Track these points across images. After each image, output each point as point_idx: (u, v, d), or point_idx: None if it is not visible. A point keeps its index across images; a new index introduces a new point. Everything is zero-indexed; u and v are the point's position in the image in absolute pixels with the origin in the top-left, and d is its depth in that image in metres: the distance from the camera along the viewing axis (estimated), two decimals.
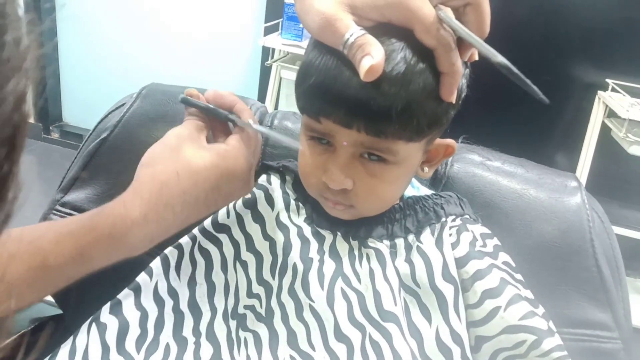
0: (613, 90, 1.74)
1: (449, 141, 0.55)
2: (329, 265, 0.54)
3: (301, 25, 1.88)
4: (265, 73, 2.15)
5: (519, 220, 0.63)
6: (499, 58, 0.41)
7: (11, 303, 0.48)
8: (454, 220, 0.56)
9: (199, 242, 0.58)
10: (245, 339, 0.53)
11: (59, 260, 0.47)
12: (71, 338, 0.54)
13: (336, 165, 0.50)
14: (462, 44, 0.45)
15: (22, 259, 0.47)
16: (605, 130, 1.76)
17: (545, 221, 0.62)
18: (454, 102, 0.47)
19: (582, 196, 0.64)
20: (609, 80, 1.76)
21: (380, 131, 0.46)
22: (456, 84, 0.46)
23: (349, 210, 0.54)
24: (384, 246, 0.55)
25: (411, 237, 0.55)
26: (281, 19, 1.91)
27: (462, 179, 0.65)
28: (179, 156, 0.51)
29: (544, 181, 0.65)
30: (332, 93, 0.45)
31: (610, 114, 1.75)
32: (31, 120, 2.66)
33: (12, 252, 0.47)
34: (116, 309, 0.55)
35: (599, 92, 1.80)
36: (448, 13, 0.44)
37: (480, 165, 0.66)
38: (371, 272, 0.54)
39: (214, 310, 0.56)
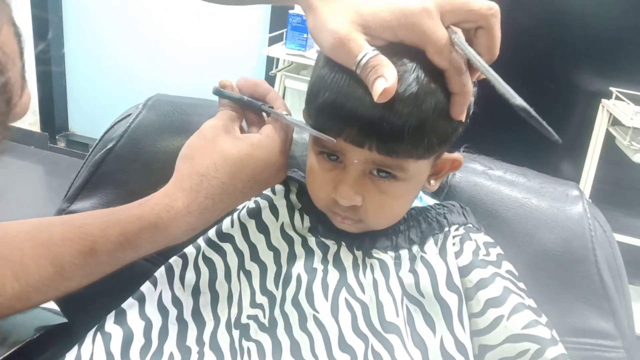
0: (617, 98, 1.74)
1: (456, 155, 0.56)
2: (333, 276, 0.55)
3: (305, 35, 1.90)
4: (269, 82, 2.16)
5: (520, 229, 0.63)
6: (517, 101, 0.40)
7: (64, 284, 0.51)
8: (457, 229, 0.57)
9: (203, 251, 0.58)
10: (248, 348, 0.54)
11: (107, 246, 0.51)
12: (76, 347, 0.54)
13: (346, 182, 0.50)
14: (472, 65, 0.45)
15: (73, 242, 0.50)
16: (609, 139, 1.76)
17: (547, 230, 0.62)
18: (464, 120, 0.48)
19: (583, 205, 0.64)
20: (612, 89, 1.76)
21: (391, 150, 0.47)
22: (466, 103, 0.46)
23: (357, 224, 0.54)
24: (388, 257, 0.55)
25: (415, 248, 0.56)
26: (285, 29, 1.92)
27: (464, 188, 0.66)
28: (215, 148, 0.53)
29: (545, 190, 0.65)
30: (344, 112, 0.45)
31: (615, 122, 1.75)
32: (37, 129, 2.69)
33: (63, 235, 0.50)
34: (120, 319, 0.55)
35: (603, 100, 1.80)
36: (459, 34, 0.45)
37: (482, 175, 0.67)
38: (375, 283, 0.54)
39: (217, 319, 0.56)
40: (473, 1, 0.44)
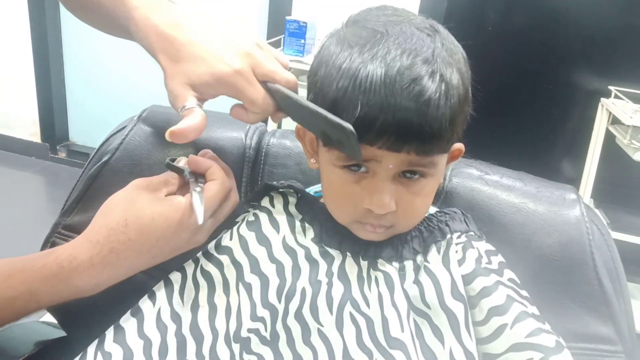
0: (616, 97, 1.74)
1: (459, 145, 0.56)
2: (338, 289, 0.54)
3: (303, 41, 1.91)
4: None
5: (518, 234, 0.63)
6: (347, 126, 0.46)
7: None
8: (459, 237, 0.56)
9: (202, 265, 0.58)
10: None
11: (9, 293, 0.51)
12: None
13: (379, 190, 0.50)
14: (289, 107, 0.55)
15: None
16: (609, 137, 1.75)
17: (545, 235, 0.62)
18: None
19: (581, 209, 0.64)
20: (611, 87, 1.76)
21: (429, 150, 0.48)
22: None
23: (387, 230, 0.54)
24: (393, 269, 0.55)
25: (419, 258, 0.56)
26: (283, 35, 1.93)
27: (461, 194, 0.66)
28: (131, 205, 0.54)
29: (542, 194, 0.65)
30: (381, 122, 0.46)
31: (614, 120, 1.75)
32: (38, 140, 2.70)
33: None
34: (120, 337, 0.55)
35: (602, 99, 1.80)
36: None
37: (478, 180, 0.67)
38: (380, 297, 0.53)
39: (215, 333, 0.55)
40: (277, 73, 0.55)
